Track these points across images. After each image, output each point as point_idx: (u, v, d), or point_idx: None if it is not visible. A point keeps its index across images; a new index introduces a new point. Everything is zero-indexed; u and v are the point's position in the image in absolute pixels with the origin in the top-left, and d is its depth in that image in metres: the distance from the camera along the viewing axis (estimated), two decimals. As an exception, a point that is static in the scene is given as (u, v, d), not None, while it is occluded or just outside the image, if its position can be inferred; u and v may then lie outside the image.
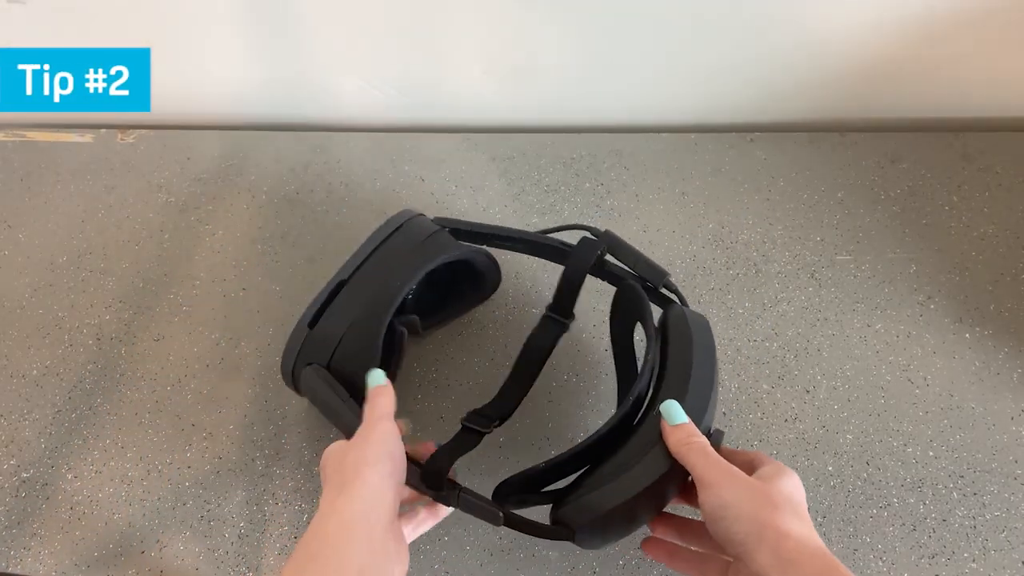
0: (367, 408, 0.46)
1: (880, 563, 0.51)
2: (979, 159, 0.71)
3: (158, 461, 0.56)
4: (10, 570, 0.52)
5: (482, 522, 0.52)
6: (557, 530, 0.45)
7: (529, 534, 0.45)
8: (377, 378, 0.48)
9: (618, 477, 0.42)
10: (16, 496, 0.55)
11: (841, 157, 0.71)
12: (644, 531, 0.49)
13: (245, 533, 0.53)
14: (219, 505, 0.54)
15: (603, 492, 0.42)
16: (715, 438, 0.45)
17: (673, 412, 0.43)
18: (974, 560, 0.51)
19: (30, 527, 0.53)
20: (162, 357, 0.61)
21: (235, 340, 0.62)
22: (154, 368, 0.60)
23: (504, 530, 0.52)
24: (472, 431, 0.50)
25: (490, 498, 0.46)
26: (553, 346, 0.57)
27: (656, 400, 0.46)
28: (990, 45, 0.68)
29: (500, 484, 0.45)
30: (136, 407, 0.58)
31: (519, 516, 0.45)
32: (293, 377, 0.52)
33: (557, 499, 0.46)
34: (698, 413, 0.44)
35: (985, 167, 0.70)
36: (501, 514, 0.44)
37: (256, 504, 0.54)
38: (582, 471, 0.46)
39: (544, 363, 0.56)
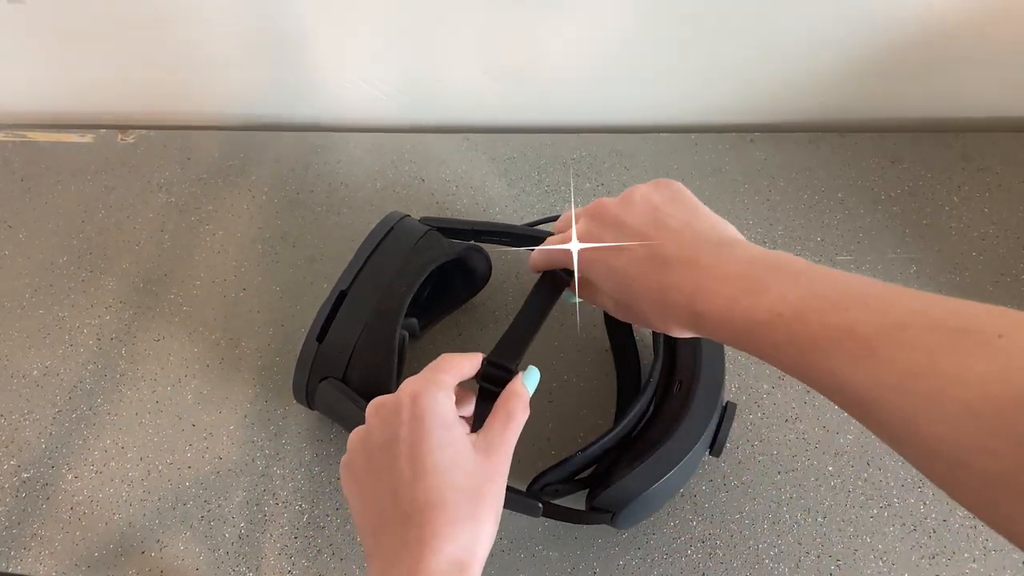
0: (505, 417, 0.39)
1: (880, 563, 0.51)
2: (979, 159, 0.71)
3: (158, 461, 0.56)
4: (10, 570, 0.52)
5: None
6: (597, 515, 0.47)
7: (568, 521, 0.47)
8: (534, 380, 0.42)
9: (652, 456, 0.45)
10: (16, 496, 0.55)
11: (841, 157, 0.71)
12: (658, 514, 0.51)
13: (245, 533, 0.53)
14: (219, 505, 0.54)
15: (640, 473, 0.44)
16: (729, 411, 0.48)
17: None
18: (974, 560, 0.51)
19: (30, 527, 0.53)
20: (162, 357, 0.61)
21: (235, 340, 0.62)
22: (154, 368, 0.60)
23: (504, 530, 0.52)
24: (490, 392, 0.42)
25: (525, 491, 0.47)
26: (555, 300, 0.46)
27: (672, 381, 0.49)
28: (990, 45, 0.68)
29: (536, 477, 0.47)
30: (136, 407, 0.58)
31: (557, 505, 0.47)
32: (307, 394, 0.52)
33: (591, 485, 0.48)
34: (714, 387, 0.47)
35: (985, 167, 0.70)
36: (540, 505, 0.46)
37: (256, 504, 0.54)
38: (610, 455, 0.48)
39: (546, 316, 0.45)
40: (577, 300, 0.46)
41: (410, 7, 0.67)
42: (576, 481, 0.48)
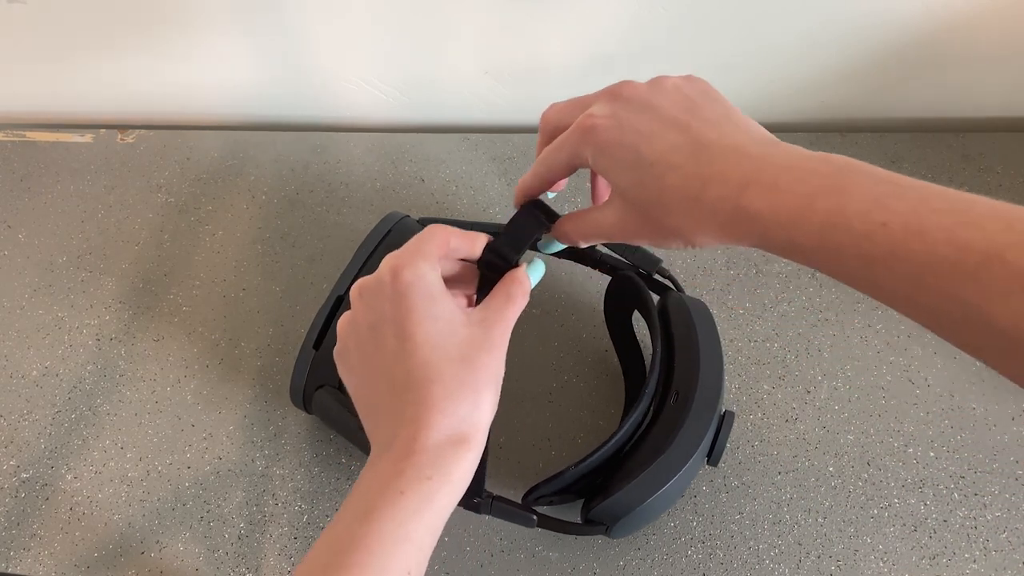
0: (505, 297, 0.36)
1: (881, 564, 0.51)
2: (979, 159, 0.71)
3: (158, 462, 0.56)
4: (10, 570, 0.52)
5: (481, 523, 0.52)
6: (592, 527, 0.47)
7: (563, 533, 0.47)
8: (538, 273, 0.39)
9: (648, 469, 0.44)
10: (15, 497, 0.55)
11: (842, 157, 0.71)
12: (661, 520, 0.51)
13: (245, 534, 0.53)
14: (219, 506, 0.54)
15: (636, 486, 0.44)
16: (727, 420, 0.47)
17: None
18: (975, 561, 0.51)
19: (29, 528, 0.53)
20: (162, 357, 0.61)
21: (235, 340, 0.61)
22: (154, 368, 0.60)
23: (503, 532, 0.52)
24: (492, 280, 0.40)
25: (520, 501, 0.47)
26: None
27: (669, 390, 0.48)
28: (990, 45, 0.68)
29: (530, 489, 0.46)
30: (136, 407, 0.58)
31: (552, 517, 0.46)
32: (304, 399, 0.52)
33: (586, 496, 0.47)
34: (712, 397, 0.46)
35: (985, 167, 0.70)
36: (534, 517, 0.45)
37: (256, 505, 0.54)
38: (606, 467, 0.47)
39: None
40: (552, 250, 0.41)
41: (410, 7, 0.67)
42: (571, 491, 0.48)
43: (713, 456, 0.47)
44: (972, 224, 0.26)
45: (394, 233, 0.55)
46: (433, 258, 0.36)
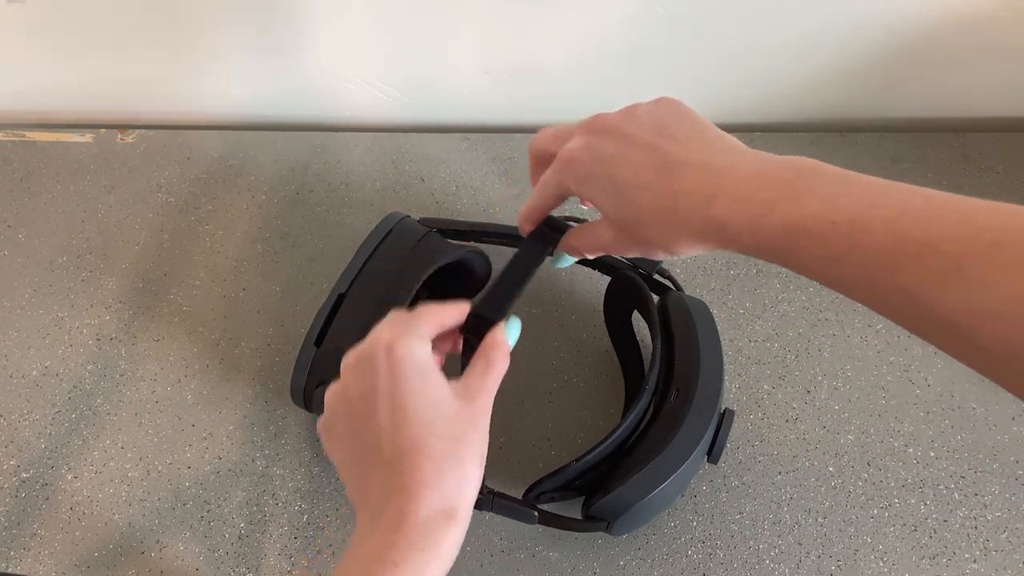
0: (485, 365, 0.37)
1: (881, 564, 0.51)
2: (979, 159, 0.71)
3: (158, 461, 0.56)
4: (10, 570, 0.52)
5: (481, 523, 0.52)
6: (593, 523, 0.47)
7: (564, 529, 0.47)
8: (514, 332, 0.39)
9: (649, 465, 0.44)
10: (16, 496, 0.55)
11: (842, 157, 0.71)
12: (661, 519, 0.51)
13: (245, 534, 0.53)
14: (219, 505, 0.54)
15: (636, 482, 0.44)
16: (727, 418, 0.48)
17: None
18: (975, 561, 0.51)
19: (30, 527, 0.53)
20: (162, 357, 0.61)
21: (235, 340, 0.61)
22: (154, 368, 0.60)
23: (503, 531, 0.52)
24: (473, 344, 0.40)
25: (520, 498, 0.47)
26: (543, 254, 0.44)
27: (669, 388, 0.48)
28: (990, 45, 0.68)
29: (531, 486, 0.47)
30: (136, 407, 0.58)
31: (553, 513, 0.47)
32: (305, 397, 0.52)
33: (587, 493, 0.48)
34: (712, 395, 0.47)
35: (986, 167, 0.70)
36: (536, 513, 0.46)
37: (256, 504, 0.54)
38: (606, 463, 0.48)
39: (533, 271, 0.43)
40: (565, 264, 0.43)
41: (410, 7, 0.67)
42: (573, 488, 0.48)
43: (713, 453, 0.47)
44: (908, 216, 0.28)
45: (394, 233, 0.55)
46: (425, 337, 0.37)
